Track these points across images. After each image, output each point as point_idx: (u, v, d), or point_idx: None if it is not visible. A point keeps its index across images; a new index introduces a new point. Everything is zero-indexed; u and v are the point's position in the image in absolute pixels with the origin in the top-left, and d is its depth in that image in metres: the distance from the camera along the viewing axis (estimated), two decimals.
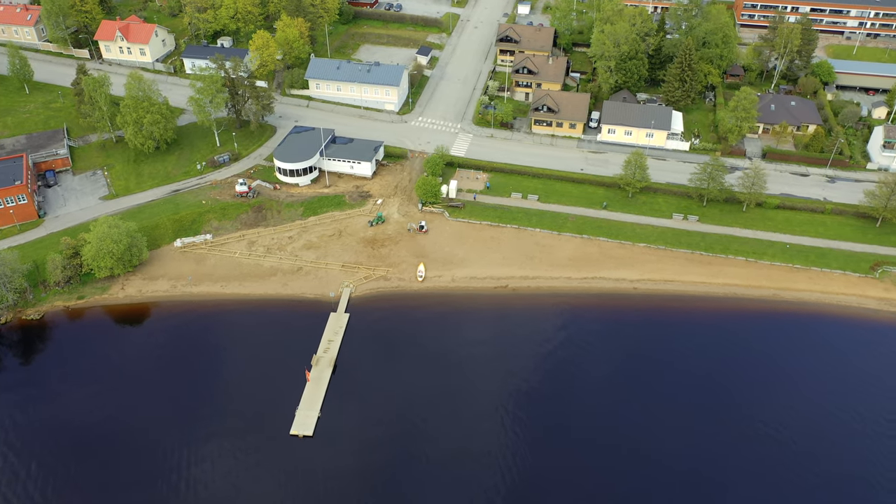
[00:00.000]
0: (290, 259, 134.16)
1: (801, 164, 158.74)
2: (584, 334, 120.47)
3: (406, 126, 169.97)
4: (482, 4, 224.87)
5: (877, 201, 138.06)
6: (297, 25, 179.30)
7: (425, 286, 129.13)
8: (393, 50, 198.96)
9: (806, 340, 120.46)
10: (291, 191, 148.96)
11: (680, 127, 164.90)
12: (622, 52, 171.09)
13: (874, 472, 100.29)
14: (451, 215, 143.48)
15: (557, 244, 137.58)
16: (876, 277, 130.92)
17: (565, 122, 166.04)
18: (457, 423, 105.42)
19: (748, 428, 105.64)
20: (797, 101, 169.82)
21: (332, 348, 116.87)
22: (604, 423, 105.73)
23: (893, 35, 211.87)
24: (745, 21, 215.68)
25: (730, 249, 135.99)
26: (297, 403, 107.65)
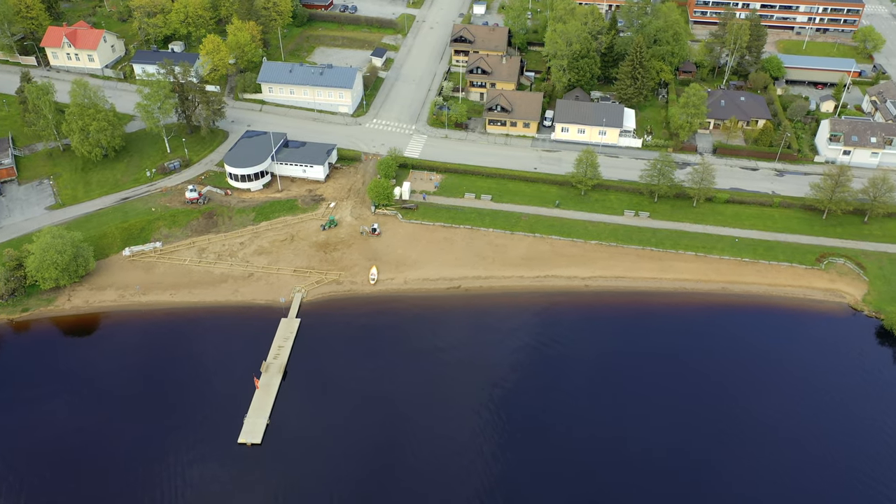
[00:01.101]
0: (241, 265, 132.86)
1: (751, 159, 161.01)
2: (535, 334, 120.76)
3: (360, 128, 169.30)
4: (438, 5, 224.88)
5: (822, 194, 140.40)
6: (248, 29, 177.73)
7: (377, 289, 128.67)
8: (348, 52, 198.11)
9: (753, 332, 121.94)
10: (243, 196, 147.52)
11: (632, 124, 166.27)
12: (574, 50, 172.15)
13: (822, 454, 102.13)
14: (404, 217, 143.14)
15: (510, 243, 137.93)
16: (822, 269, 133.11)
17: (519, 121, 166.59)
18: (409, 428, 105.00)
19: (699, 417, 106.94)
20: (747, 96, 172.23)
21: (283, 354, 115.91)
22: (565, 421, 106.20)
23: (842, 30, 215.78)
24: (697, 18, 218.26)
25: (680, 244, 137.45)
26: (245, 411, 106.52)
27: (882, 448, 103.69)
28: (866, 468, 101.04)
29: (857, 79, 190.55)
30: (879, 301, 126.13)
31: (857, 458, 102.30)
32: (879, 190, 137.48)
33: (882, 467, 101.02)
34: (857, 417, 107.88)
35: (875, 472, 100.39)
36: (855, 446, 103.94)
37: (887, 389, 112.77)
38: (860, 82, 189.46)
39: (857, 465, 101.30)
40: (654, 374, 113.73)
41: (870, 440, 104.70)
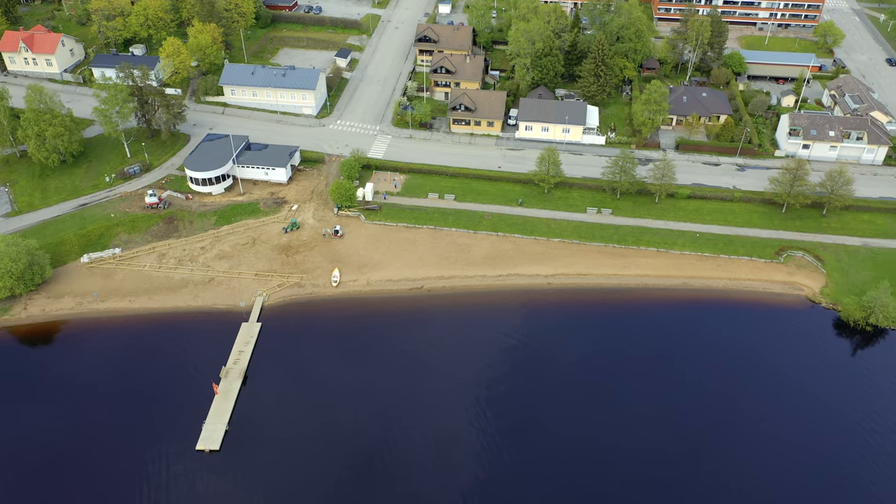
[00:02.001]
0: (201, 270, 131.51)
1: (713, 154, 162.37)
2: (498, 332, 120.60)
3: (324, 130, 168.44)
4: (403, 5, 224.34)
5: (781, 188, 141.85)
6: (209, 31, 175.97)
7: (340, 291, 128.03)
8: (312, 53, 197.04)
9: (712, 326, 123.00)
10: (204, 200, 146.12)
11: (596, 121, 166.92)
12: (537, 49, 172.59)
13: (783, 442, 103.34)
14: (367, 218, 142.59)
15: (473, 243, 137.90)
16: (780, 262, 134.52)
17: (483, 120, 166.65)
18: (373, 432, 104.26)
19: (662, 410, 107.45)
20: (708, 92, 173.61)
21: (243, 359, 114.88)
22: (534, 419, 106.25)
23: (803, 25, 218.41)
24: (661, 15, 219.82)
25: (642, 241, 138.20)
26: (204, 418, 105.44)
27: (841, 433, 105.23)
28: (828, 452, 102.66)
29: (818, 73, 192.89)
30: (837, 293, 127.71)
31: (819, 444, 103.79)
32: (836, 183, 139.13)
33: (843, 451, 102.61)
34: (817, 406, 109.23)
35: (837, 457, 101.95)
36: (816, 432, 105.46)
37: (844, 379, 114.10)
38: (820, 77, 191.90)
39: (820, 451, 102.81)
40: (616, 371, 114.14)
41: (829, 427, 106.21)
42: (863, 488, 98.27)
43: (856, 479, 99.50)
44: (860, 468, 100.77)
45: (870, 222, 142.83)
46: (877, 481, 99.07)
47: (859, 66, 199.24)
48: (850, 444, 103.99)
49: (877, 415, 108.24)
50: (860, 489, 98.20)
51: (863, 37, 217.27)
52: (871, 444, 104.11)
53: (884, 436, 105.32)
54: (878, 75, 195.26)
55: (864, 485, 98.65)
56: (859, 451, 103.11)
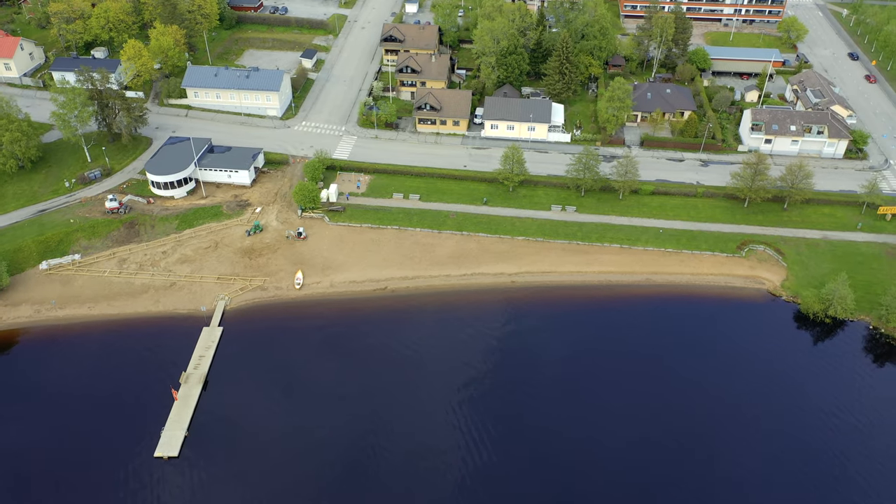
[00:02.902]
0: (163, 275, 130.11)
1: (677, 150, 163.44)
2: (461, 332, 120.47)
3: (289, 131, 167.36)
4: (370, 5, 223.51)
5: (742, 182, 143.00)
6: (171, 33, 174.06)
7: (303, 293, 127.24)
8: (278, 54, 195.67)
9: (674, 321, 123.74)
10: (166, 204, 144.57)
11: (561, 119, 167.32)
12: (502, 47, 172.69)
13: (746, 432, 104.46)
14: (331, 220, 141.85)
15: (437, 242, 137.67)
16: (742, 256, 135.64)
17: (449, 119, 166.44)
18: (336, 436, 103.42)
19: (628, 403, 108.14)
20: (672, 88, 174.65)
21: (203, 364, 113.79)
22: (499, 418, 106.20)
23: (767, 21, 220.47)
24: (628, 12, 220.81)
25: (605, 237, 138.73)
26: (163, 424, 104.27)
27: (803, 418, 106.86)
28: (793, 434, 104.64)
29: (781, 68, 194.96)
30: (797, 286, 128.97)
31: (782, 428, 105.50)
32: (796, 177, 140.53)
33: (805, 434, 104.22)
34: (778, 396, 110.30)
35: (801, 438, 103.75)
36: (778, 419, 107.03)
37: (804, 371, 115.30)
38: (784, 72, 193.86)
39: (785, 434, 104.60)
40: (580, 367, 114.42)
41: (791, 413, 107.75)
42: (825, 462, 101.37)
43: (818, 455, 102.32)
44: (824, 447, 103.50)
45: (830, 215, 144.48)
46: (839, 455, 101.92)
47: (822, 61, 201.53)
48: (810, 427, 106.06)
49: (835, 400, 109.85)
50: (822, 464, 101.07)
51: (826, 32, 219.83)
52: (831, 426, 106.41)
53: (842, 418, 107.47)
54: (840, 70, 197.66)
55: (827, 458, 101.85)
56: (820, 432, 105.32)
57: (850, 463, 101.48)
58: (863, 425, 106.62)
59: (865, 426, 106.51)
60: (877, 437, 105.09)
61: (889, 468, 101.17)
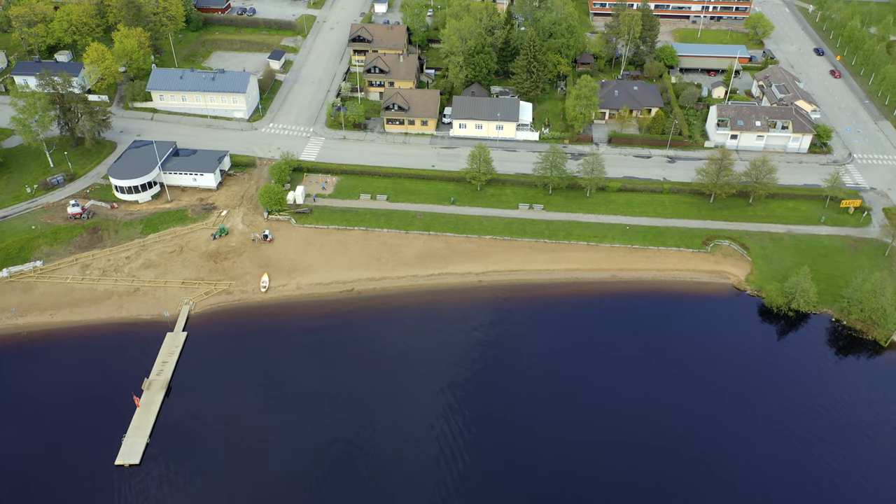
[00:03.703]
0: (126, 280, 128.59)
1: (645, 147, 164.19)
2: (427, 332, 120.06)
3: (256, 133, 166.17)
4: (339, 5, 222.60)
5: (708, 178, 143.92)
6: (136, 36, 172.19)
7: (269, 297, 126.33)
8: (246, 55, 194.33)
9: (640, 317, 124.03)
10: (130, 208, 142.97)
11: (529, 117, 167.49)
12: (470, 46, 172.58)
13: (713, 424, 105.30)
14: (297, 222, 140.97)
15: (405, 243, 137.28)
16: (708, 252, 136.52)
17: (417, 119, 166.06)
18: (302, 443, 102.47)
19: (597, 400, 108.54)
20: (640, 85, 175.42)
21: (167, 370, 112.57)
22: (468, 420, 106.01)
23: (734, 17, 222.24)
24: (597, 10, 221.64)
25: (572, 235, 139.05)
26: (124, 432, 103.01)
27: (765, 406, 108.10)
28: (758, 420, 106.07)
29: (748, 64, 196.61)
30: (761, 280, 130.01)
31: (743, 416, 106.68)
32: (760, 172, 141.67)
33: (771, 420, 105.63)
34: (742, 389, 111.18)
35: (764, 430, 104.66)
36: (740, 408, 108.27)
37: (766, 365, 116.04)
38: (750, 68, 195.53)
39: (748, 420, 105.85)
40: (548, 364, 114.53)
41: (753, 402, 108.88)
42: (792, 444, 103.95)
43: (783, 440, 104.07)
44: (789, 432, 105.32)
45: (794, 209, 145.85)
46: (801, 437, 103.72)
47: (788, 57, 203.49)
48: (773, 413, 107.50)
49: (799, 389, 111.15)
50: (790, 445, 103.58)
51: (792, 28, 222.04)
52: (794, 411, 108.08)
53: (806, 403, 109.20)
54: (805, 65, 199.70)
55: (793, 441, 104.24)
56: (784, 419, 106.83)
57: (817, 443, 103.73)
58: (827, 412, 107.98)
59: (830, 413, 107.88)
60: (841, 421, 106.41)
61: (852, 446, 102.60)
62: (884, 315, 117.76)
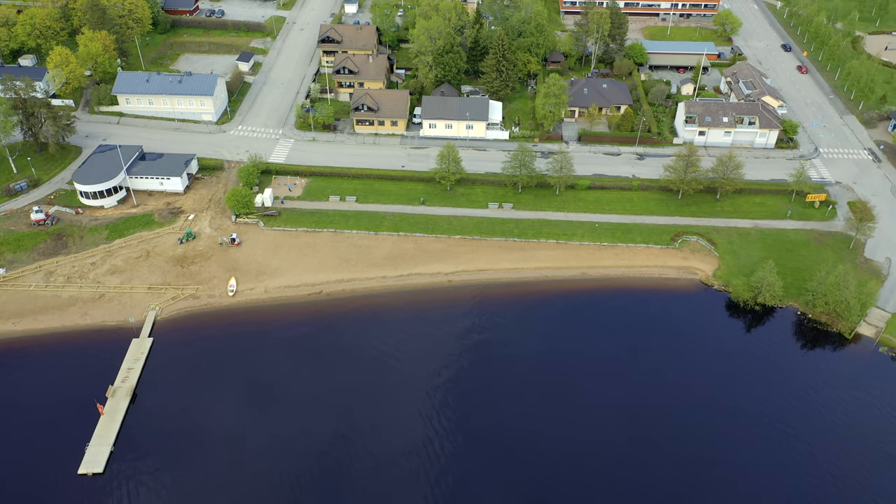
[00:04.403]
0: (91, 287, 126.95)
1: (614, 144, 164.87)
2: (395, 334, 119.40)
3: (225, 136, 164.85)
4: (309, 6, 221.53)
5: (675, 174, 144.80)
6: (100, 39, 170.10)
7: (237, 300, 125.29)
8: (215, 58, 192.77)
9: (609, 314, 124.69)
10: (95, 214, 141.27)
11: (499, 117, 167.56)
12: (438, 46, 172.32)
13: (680, 416, 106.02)
14: (266, 225, 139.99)
15: (374, 244, 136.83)
16: (676, 247, 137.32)
17: (387, 119, 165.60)
18: (270, 449, 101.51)
19: (564, 396, 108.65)
20: (609, 83, 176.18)
21: (132, 377, 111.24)
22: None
23: (703, 14, 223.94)
24: (567, 9, 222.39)
25: (542, 233, 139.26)
26: (88, 440, 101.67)
27: (732, 397, 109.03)
28: (722, 415, 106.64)
29: (717, 61, 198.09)
30: (728, 275, 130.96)
31: (715, 408, 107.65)
32: (727, 168, 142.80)
33: (738, 410, 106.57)
34: (710, 384, 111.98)
35: (734, 427, 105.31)
36: (710, 400, 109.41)
37: (732, 357, 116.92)
38: (719, 64, 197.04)
39: (717, 411, 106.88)
40: (518, 364, 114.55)
41: (719, 398, 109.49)
42: (761, 428, 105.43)
43: (753, 431, 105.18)
44: (758, 424, 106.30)
45: (761, 204, 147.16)
46: (774, 422, 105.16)
47: (756, 53, 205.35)
48: (741, 406, 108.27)
49: (764, 383, 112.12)
50: (760, 429, 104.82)
51: (760, 24, 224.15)
52: (760, 405, 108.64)
53: (771, 397, 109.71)
54: (773, 61, 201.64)
55: (762, 425, 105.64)
56: (751, 412, 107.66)
57: (783, 427, 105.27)
58: (793, 405, 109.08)
59: (796, 405, 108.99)
60: (806, 413, 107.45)
61: (817, 437, 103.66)
62: (847, 307, 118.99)
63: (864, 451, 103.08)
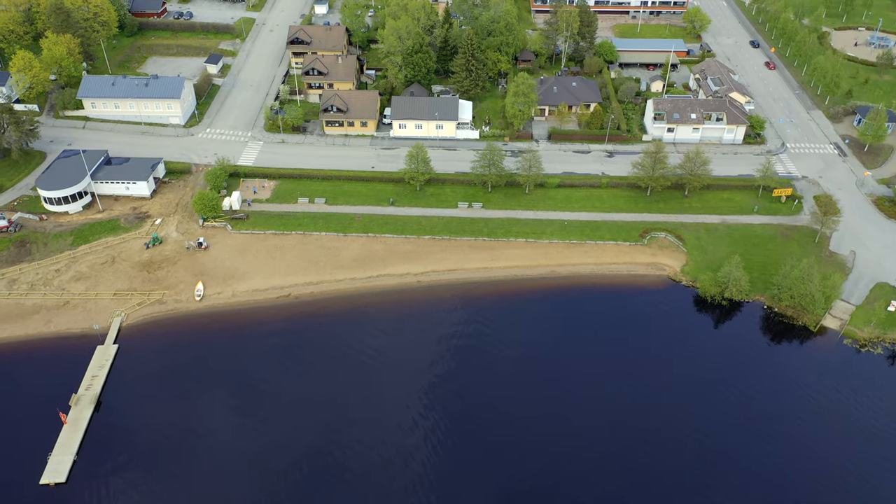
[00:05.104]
0: (55, 294, 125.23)
1: (584, 142, 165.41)
2: (363, 336, 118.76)
3: (193, 139, 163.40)
4: (279, 7, 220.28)
5: (644, 171, 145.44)
6: (64, 43, 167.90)
7: (204, 305, 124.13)
8: (183, 60, 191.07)
9: (577, 312, 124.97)
10: (60, 220, 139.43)
11: (469, 116, 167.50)
12: (407, 46, 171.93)
13: (652, 408, 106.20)
14: (233, 228, 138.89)
15: (343, 245, 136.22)
16: (644, 244, 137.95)
17: (356, 120, 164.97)
18: (234, 457, 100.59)
19: (541, 397, 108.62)
20: (578, 81, 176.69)
21: (96, 385, 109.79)
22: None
23: (673, 12, 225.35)
24: (538, 7, 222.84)
25: (511, 232, 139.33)
26: (50, 449, 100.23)
27: (698, 390, 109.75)
28: (690, 406, 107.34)
29: (686, 58, 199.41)
30: (696, 270, 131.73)
31: (681, 400, 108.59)
32: (694, 164, 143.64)
33: (701, 403, 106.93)
34: (677, 378, 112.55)
35: (697, 408, 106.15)
36: (676, 393, 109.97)
37: (699, 352, 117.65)
38: (688, 61, 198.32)
39: (684, 403, 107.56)
40: (485, 363, 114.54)
41: (687, 392, 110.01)
42: (724, 429, 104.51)
43: (717, 421, 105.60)
44: (723, 418, 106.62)
45: (728, 199, 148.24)
46: (735, 421, 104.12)
47: (725, 50, 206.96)
48: (707, 401, 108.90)
49: (729, 378, 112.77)
50: (723, 430, 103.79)
51: (729, 21, 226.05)
52: (726, 399, 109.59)
53: (737, 391, 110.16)
54: (741, 58, 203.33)
55: (724, 426, 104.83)
56: (716, 406, 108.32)
57: (751, 419, 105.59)
58: (755, 398, 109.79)
59: (760, 398, 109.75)
60: (770, 406, 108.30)
61: (783, 429, 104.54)
62: (812, 301, 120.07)
63: (831, 441, 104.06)
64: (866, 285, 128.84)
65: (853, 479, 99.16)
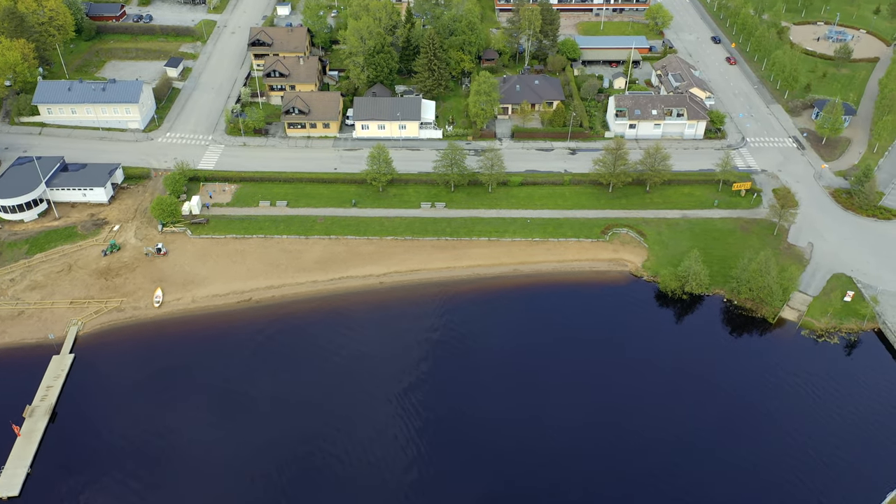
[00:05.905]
0: (9, 304, 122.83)
1: (547, 140, 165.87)
2: (328, 339, 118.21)
3: (152, 144, 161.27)
4: (241, 8, 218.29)
5: (605, 168, 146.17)
6: (18, 47, 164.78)
7: (163, 312, 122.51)
8: (143, 64, 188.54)
9: (540, 309, 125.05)
10: (15, 228, 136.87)
11: (432, 116, 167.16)
12: (369, 47, 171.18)
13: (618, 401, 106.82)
14: (193, 233, 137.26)
15: (305, 248, 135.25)
16: (606, 240, 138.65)
17: (319, 122, 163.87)
18: (196, 465, 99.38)
19: (510, 396, 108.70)
20: (541, 79, 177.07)
21: (51, 395, 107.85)
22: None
23: (636, 9, 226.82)
24: (502, 6, 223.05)
25: (474, 231, 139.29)
26: (3, 462, 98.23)
27: (662, 382, 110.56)
28: (653, 396, 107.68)
29: (648, 54, 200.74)
30: (657, 265, 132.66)
31: (645, 391, 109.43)
32: (655, 160, 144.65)
33: (666, 394, 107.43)
34: (638, 373, 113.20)
35: (661, 399, 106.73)
36: (638, 385, 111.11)
37: (660, 347, 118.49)
38: (650, 58, 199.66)
39: (646, 394, 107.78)
40: (450, 361, 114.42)
41: (649, 387, 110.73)
42: (687, 422, 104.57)
43: (678, 412, 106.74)
44: (682, 407, 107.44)
45: (689, 194, 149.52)
46: (699, 414, 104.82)
47: (687, 46, 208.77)
48: (670, 394, 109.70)
49: (691, 373, 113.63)
50: (686, 423, 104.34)
51: (691, 17, 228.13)
52: (687, 387, 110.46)
53: (693, 380, 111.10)
54: (703, 54, 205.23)
55: (687, 419, 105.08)
56: (678, 399, 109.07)
57: (712, 410, 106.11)
58: (718, 391, 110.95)
59: (722, 390, 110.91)
60: (733, 398, 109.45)
61: (746, 421, 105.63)
62: (770, 293, 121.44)
63: (791, 427, 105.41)
64: (823, 276, 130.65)
65: (812, 462, 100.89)
